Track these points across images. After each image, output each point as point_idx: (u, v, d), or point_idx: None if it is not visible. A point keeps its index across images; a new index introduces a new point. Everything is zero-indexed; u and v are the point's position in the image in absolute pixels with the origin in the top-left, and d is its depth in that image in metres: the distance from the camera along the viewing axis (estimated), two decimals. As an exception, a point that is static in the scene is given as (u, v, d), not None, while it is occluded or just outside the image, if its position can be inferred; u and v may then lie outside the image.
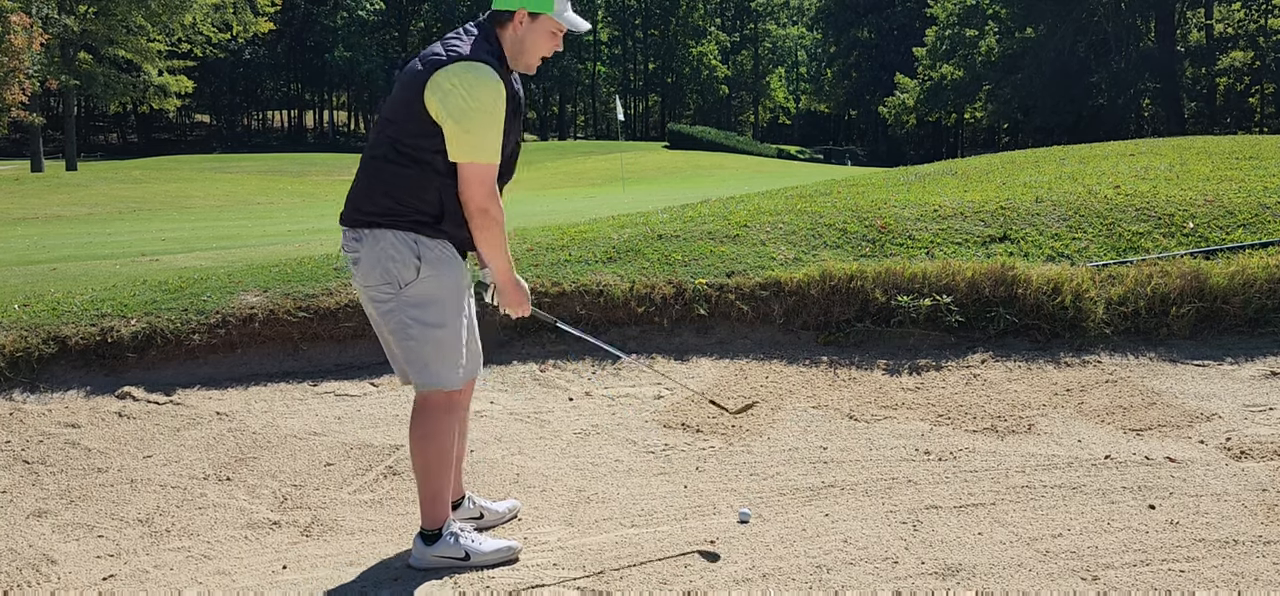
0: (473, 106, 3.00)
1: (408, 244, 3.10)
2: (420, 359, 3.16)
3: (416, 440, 3.23)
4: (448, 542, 3.24)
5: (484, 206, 3.09)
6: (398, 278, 3.11)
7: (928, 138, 74.36)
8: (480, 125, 3.02)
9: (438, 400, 3.20)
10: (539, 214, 13.00)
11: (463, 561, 3.23)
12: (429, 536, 3.25)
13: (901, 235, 6.47)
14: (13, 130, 40.20)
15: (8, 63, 30.97)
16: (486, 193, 3.09)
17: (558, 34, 3.21)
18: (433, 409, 3.20)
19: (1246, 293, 5.69)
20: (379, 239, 3.11)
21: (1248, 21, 51.77)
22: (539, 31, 3.16)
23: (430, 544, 3.25)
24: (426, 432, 3.21)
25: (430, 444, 3.21)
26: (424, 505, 3.26)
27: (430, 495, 3.24)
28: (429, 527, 3.25)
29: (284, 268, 6.10)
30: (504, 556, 3.29)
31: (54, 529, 3.65)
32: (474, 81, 3.00)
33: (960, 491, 3.86)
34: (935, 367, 5.38)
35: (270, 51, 73.22)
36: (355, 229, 3.15)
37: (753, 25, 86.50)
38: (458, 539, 3.26)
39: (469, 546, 3.26)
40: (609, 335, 5.65)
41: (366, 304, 3.24)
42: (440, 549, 3.24)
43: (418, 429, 3.22)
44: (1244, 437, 4.42)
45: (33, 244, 12.21)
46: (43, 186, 28.13)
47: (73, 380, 5.00)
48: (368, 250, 3.12)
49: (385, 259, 3.10)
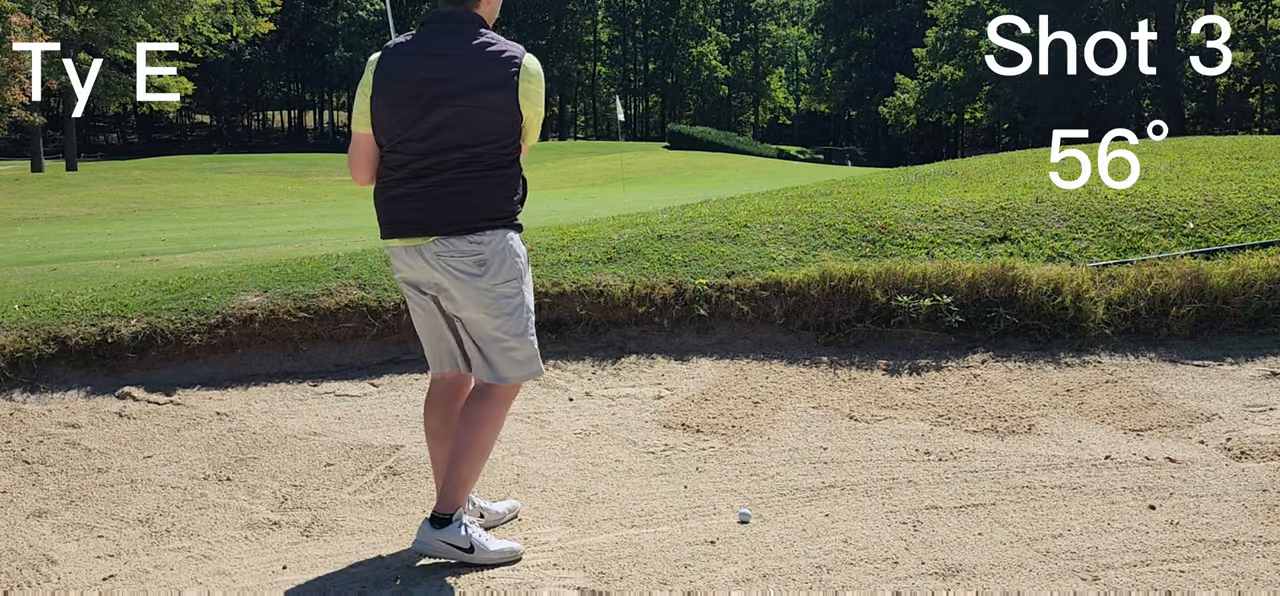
0: (540, 88, 3.26)
1: (519, 242, 3.27)
2: (524, 353, 3.26)
3: (471, 422, 3.26)
4: (456, 530, 3.23)
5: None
6: (521, 273, 3.24)
7: (928, 138, 74.35)
8: (541, 97, 3.29)
9: (509, 392, 3.32)
10: (539, 214, 13.00)
11: (467, 552, 3.22)
12: (440, 520, 3.24)
13: (902, 235, 6.47)
14: (13, 130, 40.19)
15: (7, 63, 30.97)
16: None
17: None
18: (502, 398, 3.31)
19: (1246, 293, 5.69)
20: (501, 239, 3.20)
21: (1248, 21, 51.79)
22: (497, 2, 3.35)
23: (438, 527, 3.23)
24: (486, 417, 3.26)
25: (486, 429, 3.26)
26: (449, 487, 3.25)
27: (460, 480, 3.25)
28: (442, 511, 3.24)
29: (284, 268, 6.10)
30: (507, 557, 3.29)
31: (54, 529, 3.65)
32: (538, 68, 3.26)
33: (960, 491, 3.86)
34: (935, 368, 5.38)
35: (270, 51, 73.22)
36: (472, 234, 3.17)
37: (753, 25, 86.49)
38: (466, 530, 3.25)
39: (475, 539, 3.25)
40: (609, 335, 5.65)
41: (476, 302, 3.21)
42: (448, 534, 3.22)
43: (479, 411, 3.27)
44: (1244, 438, 4.42)
45: (33, 244, 12.21)
46: (43, 186, 28.13)
47: (73, 380, 5.00)
48: (494, 250, 3.18)
49: (512, 256, 3.21)
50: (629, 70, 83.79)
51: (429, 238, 3.18)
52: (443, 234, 3.16)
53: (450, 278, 3.19)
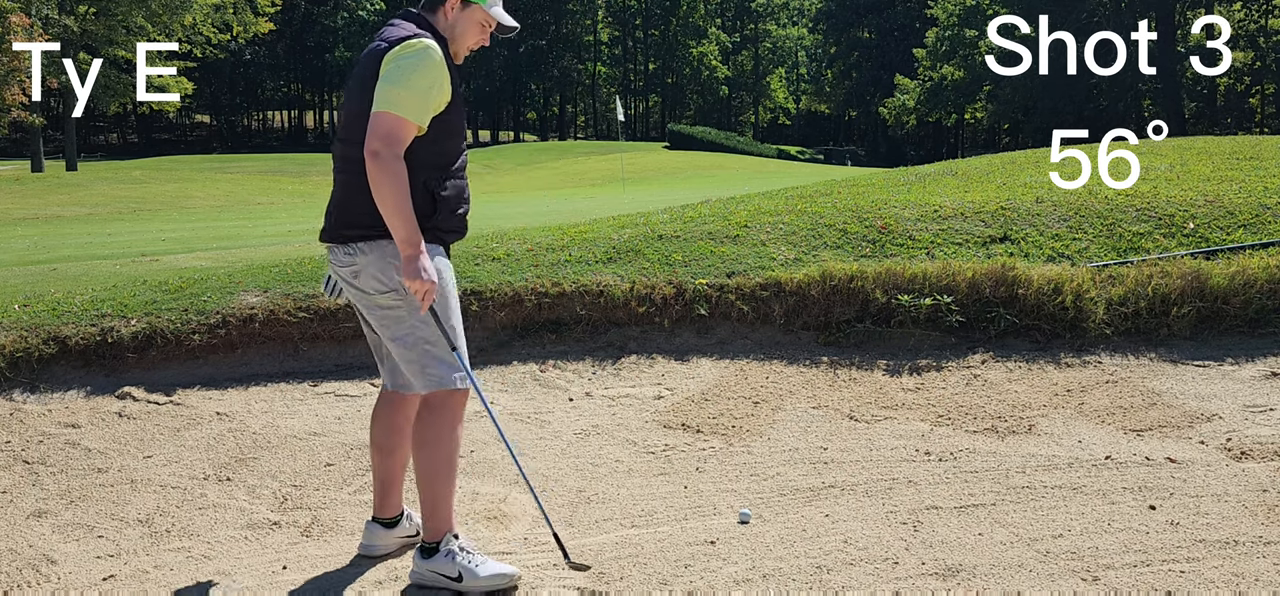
0: (407, 68, 2.98)
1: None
2: (431, 360, 3.10)
3: (420, 445, 3.13)
4: (443, 559, 3.11)
5: (376, 149, 2.93)
6: (401, 283, 3.05)
7: (928, 138, 74.35)
8: (409, 83, 2.97)
9: (447, 401, 3.14)
10: (539, 214, 13.00)
11: (454, 581, 3.09)
12: (427, 549, 3.15)
13: (902, 235, 6.46)
14: (13, 130, 40.18)
15: (7, 63, 30.96)
16: (383, 136, 2.94)
17: (486, 27, 3.25)
18: (441, 411, 3.13)
19: (1247, 293, 5.69)
20: (378, 247, 3.06)
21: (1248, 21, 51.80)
22: (469, 20, 3.20)
23: (427, 557, 3.14)
24: (433, 437, 3.12)
25: (437, 449, 3.12)
26: (424, 514, 3.16)
27: (432, 501, 3.13)
28: (429, 540, 3.15)
29: (284, 268, 6.10)
30: (500, 583, 3.11)
31: (54, 529, 3.65)
32: (412, 47, 3.00)
33: (960, 492, 3.86)
34: (936, 368, 5.38)
35: (270, 51, 73.19)
36: (348, 244, 3.10)
37: (753, 25, 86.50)
38: (454, 557, 3.11)
39: (464, 566, 3.10)
40: (609, 335, 5.65)
41: (369, 313, 3.17)
42: (435, 563, 3.12)
43: (423, 433, 3.13)
44: (1244, 438, 4.42)
45: (33, 244, 12.21)
46: (43, 186, 28.12)
47: (73, 380, 4.99)
48: (368, 260, 3.07)
49: (388, 267, 3.06)
50: (629, 70, 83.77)
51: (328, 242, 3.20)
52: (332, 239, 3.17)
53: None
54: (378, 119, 2.96)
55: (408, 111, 2.97)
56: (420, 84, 2.99)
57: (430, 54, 3.01)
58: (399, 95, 2.96)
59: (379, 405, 3.39)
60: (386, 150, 2.94)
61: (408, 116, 2.97)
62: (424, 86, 2.99)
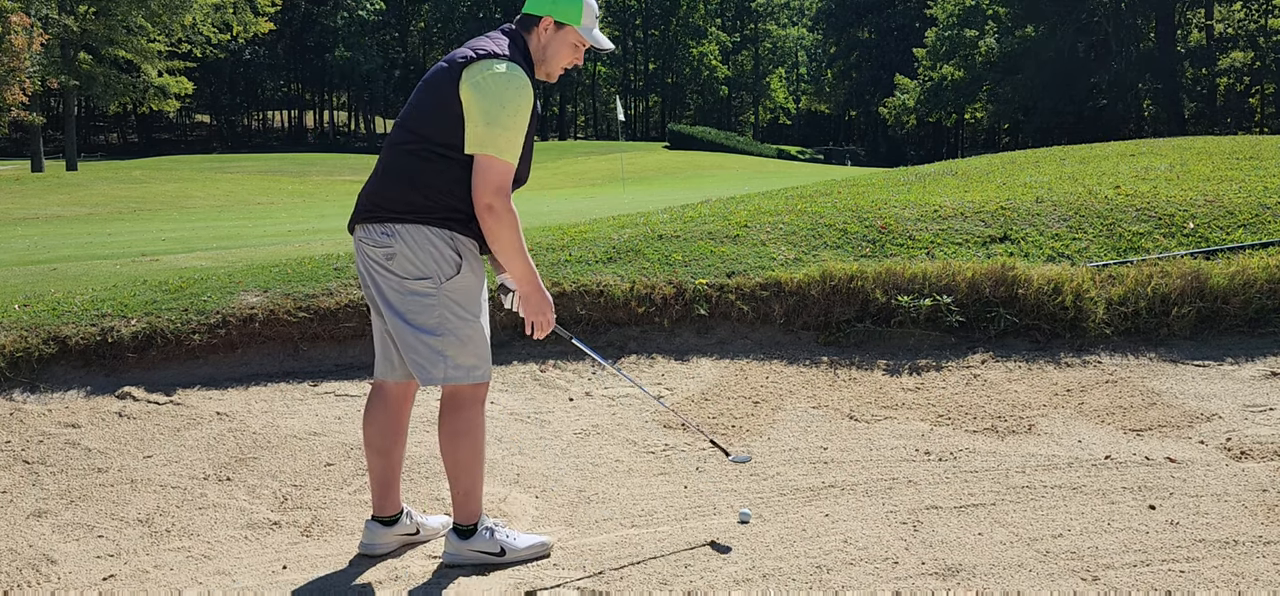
0: (501, 102, 3.03)
1: (446, 240, 3.13)
2: (456, 352, 3.16)
3: (449, 437, 3.22)
4: (484, 537, 3.27)
5: (490, 203, 3.07)
6: (440, 272, 3.12)
7: (928, 138, 74.37)
8: (505, 122, 3.04)
9: (470, 393, 3.22)
10: (539, 214, 13.01)
11: (498, 556, 3.26)
12: (464, 531, 3.27)
13: (902, 235, 6.47)
14: (13, 130, 40.21)
15: (7, 62, 30.97)
16: (495, 189, 3.06)
17: (580, 47, 3.27)
18: (466, 403, 3.22)
19: (1247, 293, 5.69)
20: (417, 234, 3.11)
21: (1248, 21, 51.81)
22: (563, 42, 3.23)
23: (465, 538, 3.27)
24: (460, 428, 3.22)
25: (465, 440, 3.22)
26: (458, 502, 3.27)
27: (464, 491, 3.26)
28: (464, 523, 3.28)
29: (284, 268, 6.10)
30: (537, 552, 3.32)
31: (54, 529, 3.65)
32: (506, 78, 3.05)
33: (960, 491, 3.86)
34: (935, 368, 5.38)
35: (270, 51, 73.24)
36: (385, 224, 3.14)
37: (753, 25, 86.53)
38: (493, 533, 3.29)
39: (504, 541, 3.29)
40: (609, 335, 5.65)
41: (397, 298, 3.16)
42: (476, 543, 3.27)
43: (450, 425, 3.22)
44: (1244, 438, 4.42)
45: (33, 244, 12.21)
46: (43, 186, 28.13)
47: (73, 380, 5.00)
48: (405, 245, 3.11)
49: (425, 253, 3.11)
50: (629, 70, 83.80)
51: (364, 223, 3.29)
52: (368, 219, 3.26)
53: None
54: (487, 169, 3.06)
55: (510, 154, 3.09)
56: (518, 122, 3.07)
57: (522, 87, 3.07)
58: (499, 138, 3.05)
59: (372, 406, 3.40)
60: (500, 202, 3.07)
61: (511, 160, 3.09)
62: (520, 124, 3.08)
